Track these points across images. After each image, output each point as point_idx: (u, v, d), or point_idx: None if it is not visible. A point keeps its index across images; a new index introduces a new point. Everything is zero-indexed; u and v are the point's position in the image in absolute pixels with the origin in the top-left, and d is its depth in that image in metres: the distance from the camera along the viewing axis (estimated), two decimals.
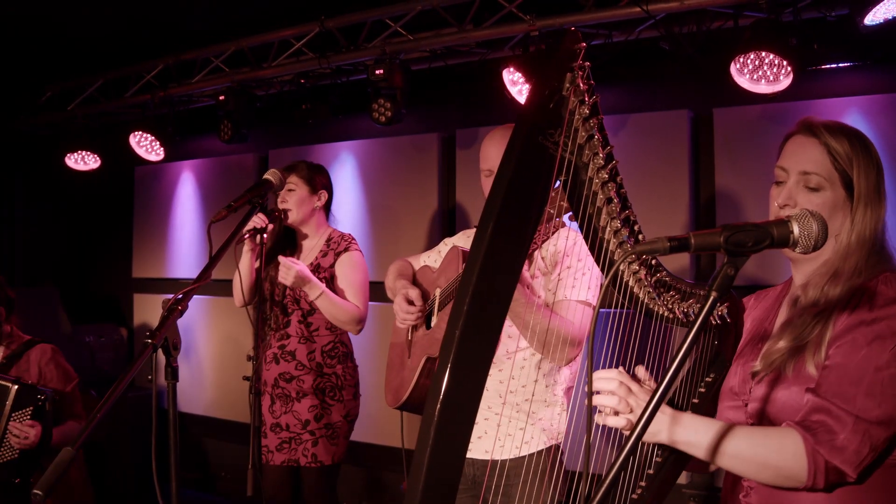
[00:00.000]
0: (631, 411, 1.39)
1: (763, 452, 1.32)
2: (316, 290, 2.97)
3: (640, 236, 1.47)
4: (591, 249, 1.48)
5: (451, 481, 1.20)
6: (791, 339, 1.41)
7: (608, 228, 1.45)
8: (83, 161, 5.25)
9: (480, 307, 1.21)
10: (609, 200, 1.43)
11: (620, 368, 1.42)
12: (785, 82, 3.12)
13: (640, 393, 1.41)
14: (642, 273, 1.47)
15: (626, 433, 1.43)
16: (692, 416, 1.39)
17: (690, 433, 1.36)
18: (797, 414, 1.35)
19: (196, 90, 4.69)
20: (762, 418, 1.43)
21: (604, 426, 1.50)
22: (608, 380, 1.40)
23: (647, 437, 1.40)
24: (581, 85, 1.37)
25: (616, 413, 1.39)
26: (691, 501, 3.58)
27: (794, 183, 1.47)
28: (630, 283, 1.48)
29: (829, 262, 1.44)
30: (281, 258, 2.98)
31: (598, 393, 1.41)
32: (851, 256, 1.41)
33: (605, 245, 1.46)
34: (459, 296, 1.22)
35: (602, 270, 1.51)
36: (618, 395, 1.38)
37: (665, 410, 1.38)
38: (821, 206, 1.43)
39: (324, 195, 3.21)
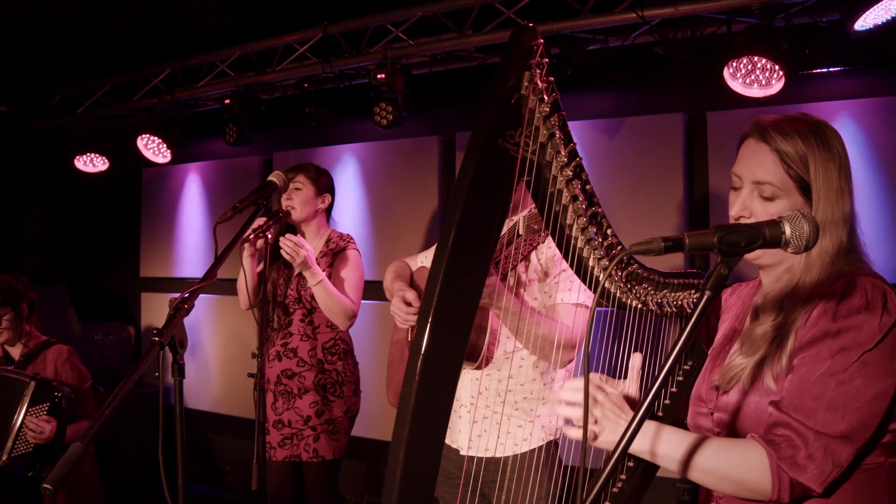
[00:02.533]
0: (596, 422, 1.36)
1: (725, 465, 1.27)
2: (316, 278, 2.99)
3: (609, 231, 1.44)
4: (559, 247, 1.45)
5: (436, 442, 1.18)
6: (749, 353, 1.35)
7: (575, 226, 1.42)
8: (92, 163, 5.25)
9: (446, 319, 1.19)
10: (574, 198, 1.40)
11: (594, 377, 1.40)
12: (777, 86, 3.12)
13: (606, 402, 1.38)
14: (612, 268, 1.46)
15: (591, 443, 1.40)
16: (671, 430, 1.35)
17: (669, 447, 1.32)
18: (759, 424, 1.31)
19: (202, 94, 4.69)
20: (726, 427, 1.40)
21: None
22: (574, 391, 1.38)
23: (605, 446, 1.37)
24: (539, 83, 1.32)
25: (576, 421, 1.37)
26: (686, 496, 3.58)
27: (748, 193, 1.38)
28: (601, 279, 1.44)
29: (791, 270, 1.36)
30: (290, 236, 2.95)
31: (566, 403, 1.39)
32: (813, 269, 1.32)
33: (573, 242, 1.43)
34: (423, 308, 1.19)
35: (572, 268, 1.47)
36: (577, 404, 1.37)
37: (649, 425, 1.35)
38: (778, 214, 1.31)
39: (328, 198, 3.24)
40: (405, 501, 1.15)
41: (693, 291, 1.53)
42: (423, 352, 1.17)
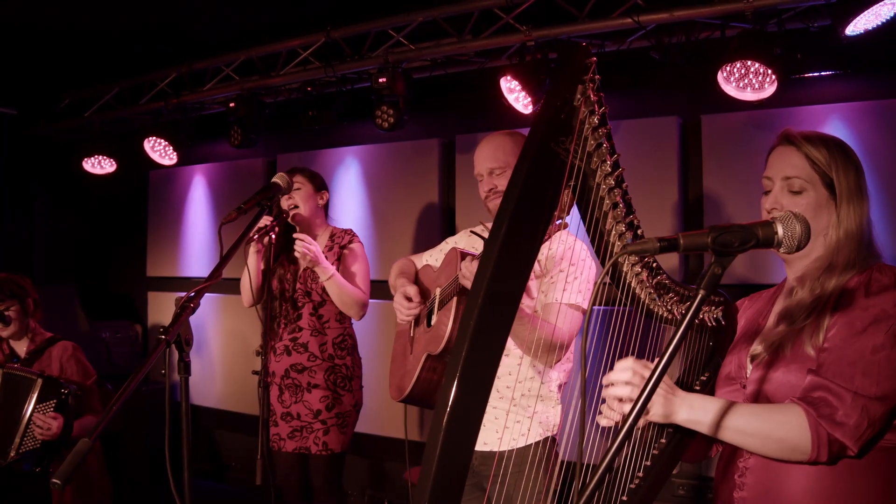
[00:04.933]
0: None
1: (767, 426, 1.33)
2: (327, 273, 3.01)
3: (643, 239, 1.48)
4: (597, 252, 1.50)
5: (457, 486, 1.20)
6: (790, 323, 1.44)
7: (613, 232, 1.47)
8: (100, 165, 5.25)
9: (493, 306, 1.21)
10: (615, 205, 1.45)
11: (634, 358, 1.40)
12: (770, 90, 3.12)
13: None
14: (644, 275, 1.49)
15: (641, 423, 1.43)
16: (698, 395, 1.40)
17: (698, 412, 1.37)
18: (795, 392, 1.37)
19: (207, 97, 4.69)
20: (760, 398, 1.45)
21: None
22: (623, 370, 1.38)
23: (656, 419, 1.39)
24: (591, 96, 1.38)
25: (629, 400, 1.36)
26: (681, 490, 3.58)
27: (778, 189, 1.50)
28: (632, 285, 1.50)
29: (821, 258, 1.46)
30: (297, 234, 2.98)
31: (611, 385, 1.39)
32: (843, 250, 1.44)
33: (610, 248, 1.48)
34: (475, 288, 1.21)
35: (607, 272, 1.51)
36: (633, 383, 1.36)
37: (674, 392, 1.39)
38: (805, 206, 1.46)
39: (325, 195, 3.28)
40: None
41: (713, 307, 1.58)
42: (471, 330, 1.19)
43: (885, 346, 1.30)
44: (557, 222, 1.53)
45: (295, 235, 2.99)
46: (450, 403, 1.17)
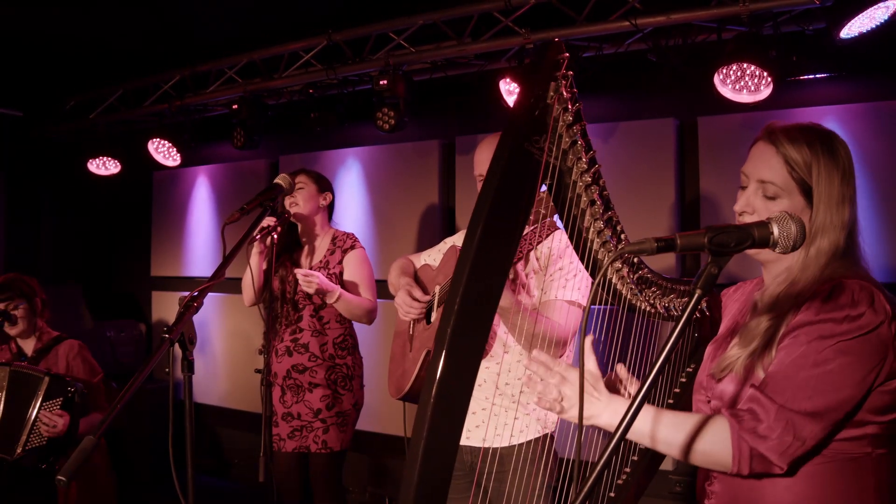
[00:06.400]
0: (562, 399, 1.38)
1: (691, 439, 1.28)
2: (334, 295, 3.01)
3: (623, 236, 1.46)
4: (576, 249, 1.47)
5: (447, 463, 1.19)
6: (744, 344, 1.36)
7: (592, 229, 1.44)
8: (104, 166, 5.25)
9: (471, 306, 1.20)
10: (592, 202, 1.43)
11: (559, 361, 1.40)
12: (765, 92, 3.12)
13: (576, 381, 1.36)
14: (625, 271, 1.47)
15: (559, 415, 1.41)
16: (622, 399, 1.35)
17: (641, 422, 1.30)
18: None
19: (210, 99, 4.69)
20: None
21: None
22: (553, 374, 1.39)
23: (586, 421, 1.36)
24: (564, 93, 1.35)
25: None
26: (678, 487, 3.58)
27: (752, 191, 1.40)
28: (613, 281, 1.48)
29: (790, 269, 1.38)
30: (298, 271, 3.00)
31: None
32: (809, 268, 1.34)
33: (589, 245, 1.45)
34: (451, 294, 1.20)
35: (587, 269, 1.49)
36: (551, 383, 1.38)
37: (601, 396, 1.35)
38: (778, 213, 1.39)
39: (329, 196, 3.27)
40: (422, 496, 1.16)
41: None
42: (449, 334, 1.18)
43: (827, 360, 1.23)
44: (558, 220, 1.51)
45: (296, 271, 3.00)
46: (437, 377, 1.17)
